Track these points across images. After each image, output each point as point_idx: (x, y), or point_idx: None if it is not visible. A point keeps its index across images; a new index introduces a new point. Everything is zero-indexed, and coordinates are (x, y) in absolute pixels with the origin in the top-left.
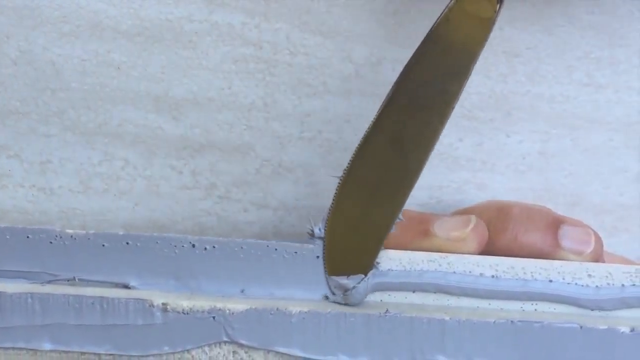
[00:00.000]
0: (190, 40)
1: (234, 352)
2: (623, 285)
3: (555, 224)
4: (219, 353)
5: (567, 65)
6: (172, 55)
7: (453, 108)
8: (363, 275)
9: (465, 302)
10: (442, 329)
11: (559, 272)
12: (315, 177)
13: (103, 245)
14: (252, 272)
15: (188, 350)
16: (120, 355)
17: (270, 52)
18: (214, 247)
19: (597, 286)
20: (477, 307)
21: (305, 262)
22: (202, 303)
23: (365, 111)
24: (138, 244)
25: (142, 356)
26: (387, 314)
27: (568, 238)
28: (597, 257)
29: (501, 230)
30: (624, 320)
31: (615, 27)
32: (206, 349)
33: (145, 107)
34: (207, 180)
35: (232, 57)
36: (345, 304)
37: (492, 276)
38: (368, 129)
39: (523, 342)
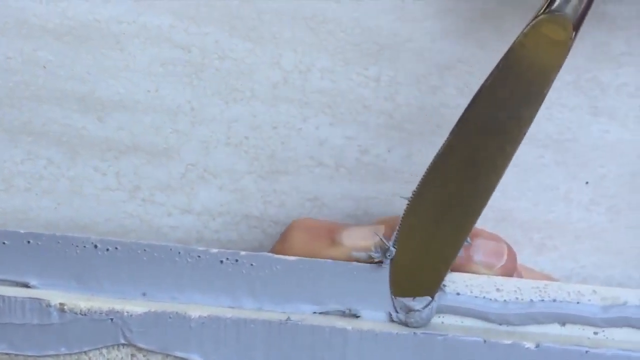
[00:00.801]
0: (118, 41)
1: (132, 355)
2: (531, 300)
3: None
4: (116, 356)
5: None
6: (99, 55)
7: (525, 133)
8: (430, 298)
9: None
10: (344, 339)
11: (467, 285)
12: (240, 184)
13: (4, 243)
14: (154, 275)
15: (85, 352)
16: (17, 355)
17: (199, 56)
18: (116, 248)
19: (505, 300)
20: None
21: (209, 266)
22: (100, 304)
23: (292, 119)
24: (39, 243)
25: (38, 356)
26: (288, 322)
27: (480, 251)
28: (509, 271)
29: None
30: (531, 335)
31: None
32: (104, 351)
33: (70, 107)
34: (131, 182)
35: (160, 60)
36: (406, 325)
37: None
38: (440, 150)
39: (425, 354)
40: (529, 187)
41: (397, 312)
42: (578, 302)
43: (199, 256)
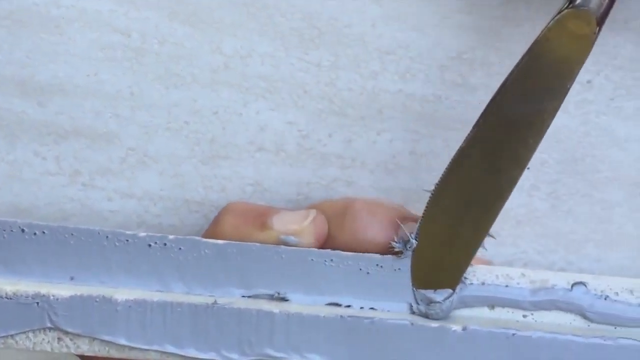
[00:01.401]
0: (57, 25)
1: (59, 339)
2: (462, 282)
3: (398, 220)
4: (43, 339)
5: (439, 65)
6: (38, 40)
7: (548, 127)
8: (451, 290)
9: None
10: (271, 322)
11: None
12: (181, 168)
13: None
14: (82, 259)
15: (12, 336)
16: None
17: (139, 40)
18: (43, 232)
19: None
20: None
21: (137, 250)
22: (26, 288)
23: (233, 104)
24: None
25: None
26: (214, 305)
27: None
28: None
29: (341, 225)
30: (459, 319)
31: (489, 28)
32: (30, 334)
33: (10, 91)
34: (71, 167)
35: (100, 45)
36: (427, 317)
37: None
38: (463, 143)
39: (353, 337)
40: None
41: (417, 303)
42: (507, 286)
43: (127, 240)
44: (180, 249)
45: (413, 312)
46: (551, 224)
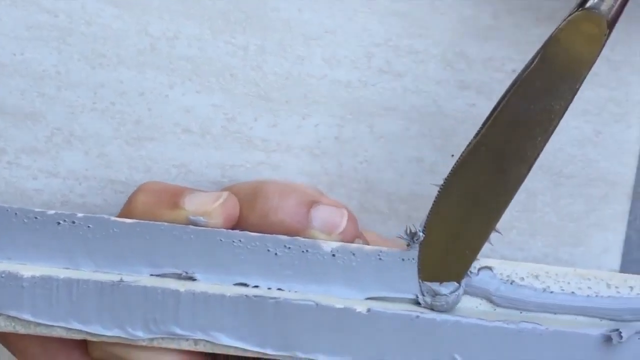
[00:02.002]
0: None
1: None
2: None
3: (309, 203)
4: None
5: (365, 51)
6: None
7: (556, 126)
8: (457, 284)
9: None
10: (177, 301)
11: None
12: (106, 149)
13: None
14: None
15: None
16: None
17: (66, 20)
18: None
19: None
20: None
21: (46, 227)
22: None
23: (159, 85)
24: None
25: None
26: (120, 283)
27: (319, 217)
28: (350, 237)
29: (252, 207)
30: (366, 301)
31: (416, 16)
32: None
33: None
34: None
35: (26, 24)
36: (432, 309)
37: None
38: (472, 140)
39: (258, 316)
40: (395, 159)
41: (423, 295)
42: None
43: (36, 217)
44: (89, 227)
45: (419, 304)
46: None
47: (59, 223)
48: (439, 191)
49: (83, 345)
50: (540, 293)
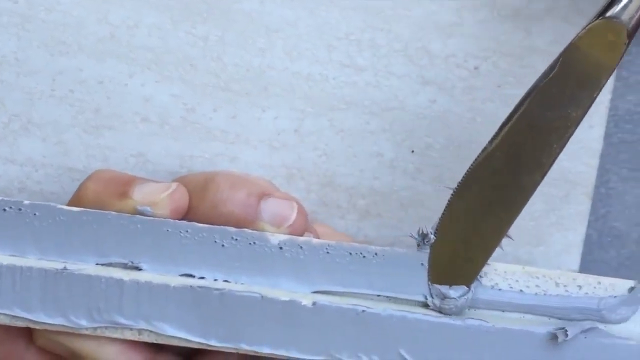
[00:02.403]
0: None
1: None
2: None
3: (259, 195)
4: None
5: (327, 44)
6: None
7: (572, 134)
8: (466, 288)
9: None
10: (120, 290)
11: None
12: (64, 136)
13: None
14: None
15: None
16: None
17: (25, 7)
18: None
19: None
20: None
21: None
22: None
23: (118, 74)
24: None
25: None
26: (64, 271)
27: (268, 210)
28: (300, 231)
29: (203, 198)
30: (312, 294)
31: (378, 10)
32: None
33: None
34: None
35: None
36: (440, 312)
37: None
38: (487, 145)
39: (203, 308)
40: (355, 153)
41: (432, 297)
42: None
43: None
44: (35, 214)
45: (427, 306)
46: (434, 208)
47: (4, 210)
48: (452, 194)
49: (28, 333)
50: (488, 290)
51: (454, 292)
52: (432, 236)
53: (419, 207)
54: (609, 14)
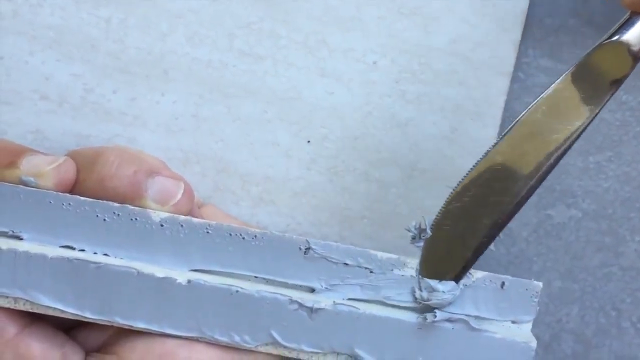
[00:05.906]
0: None
1: None
2: None
3: (147, 172)
4: None
5: (228, 32)
6: None
7: (573, 143)
8: (454, 283)
9: None
10: (14, 261)
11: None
12: None
13: None
14: None
15: None
16: None
17: None
18: None
19: None
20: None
21: None
22: None
23: (19, 51)
24: None
25: None
26: None
27: (154, 187)
28: (184, 211)
29: (91, 172)
30: (189, 272)
31: (280, 1)
32: None
33: None
34: None
35: None
36: (427, 304)
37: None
38: (489, 149)
39: (79, 280)
40: (251, 141)
41: (421, 290)
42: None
43: None
44: None
45: (416, 299)
46: (328, 198)
47: None
48: (451, 193)
49: None
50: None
51: (443, 286)
52: (428, 231)
53: (313, 197)
54: (616, 37)
